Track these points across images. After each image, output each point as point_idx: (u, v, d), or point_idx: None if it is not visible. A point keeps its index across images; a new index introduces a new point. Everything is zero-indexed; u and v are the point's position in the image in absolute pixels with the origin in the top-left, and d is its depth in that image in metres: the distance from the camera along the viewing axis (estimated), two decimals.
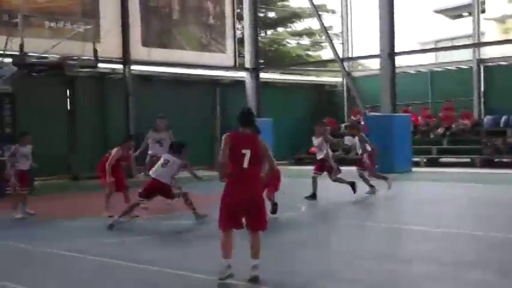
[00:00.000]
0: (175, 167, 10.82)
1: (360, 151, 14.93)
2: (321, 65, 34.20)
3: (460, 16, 37.94)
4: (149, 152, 13.94)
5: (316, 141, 14.11)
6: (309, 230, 10.84)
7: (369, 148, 14.87)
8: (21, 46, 16.98)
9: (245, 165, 6.68)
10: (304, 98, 29.46)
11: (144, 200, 10.98)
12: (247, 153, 6.69)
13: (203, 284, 6.89)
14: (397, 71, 23.05)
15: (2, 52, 18.02)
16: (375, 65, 28.58)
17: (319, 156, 14.07)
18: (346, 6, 29.90)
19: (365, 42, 30.61)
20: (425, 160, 23.71)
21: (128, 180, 12.66)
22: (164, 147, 12.97)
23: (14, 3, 20.54)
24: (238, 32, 28.53)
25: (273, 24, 40.47)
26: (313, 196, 13.78)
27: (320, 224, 11.58)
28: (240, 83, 27.01)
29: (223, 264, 6.69)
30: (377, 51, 23.38)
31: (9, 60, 17.84)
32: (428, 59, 31.98)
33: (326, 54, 37.05)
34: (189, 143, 11.56)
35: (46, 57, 17.91)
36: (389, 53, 22.27)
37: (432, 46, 36.63)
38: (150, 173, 11.04)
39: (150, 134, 14.08)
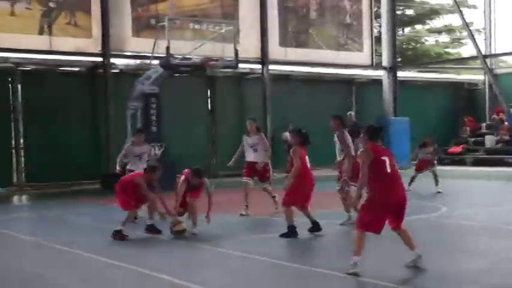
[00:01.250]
0: None
1: None
2: (461, 62, 33.15)
3: None
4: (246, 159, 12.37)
5: None
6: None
7: None
8: (168, 48, 17.81)
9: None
10: (442, 97, 28.74)
11: None
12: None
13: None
14: None
15: (150, 55, 19.08)
16: None
17: None
18: (489, 0, 28.78)
19: (507, 38, 29.30)
20: None
21: None
22: (259, 152, 12.01)
23: (160, 8, 21.68)
24: (375, 31, 28.29)
25: (411, 21, 39.72)
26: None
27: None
28: (377, 82, 26.78)
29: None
30: None
31: (156, 62, 18.81)
32: None
33: (466, 51, 35.94)
34: (324, 143, 11.61)
35: (189, 59, 18.63)
36: None
37: None
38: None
39: (244, 139, 12.40)
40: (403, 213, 7.35)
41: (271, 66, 23.85)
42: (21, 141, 19.66)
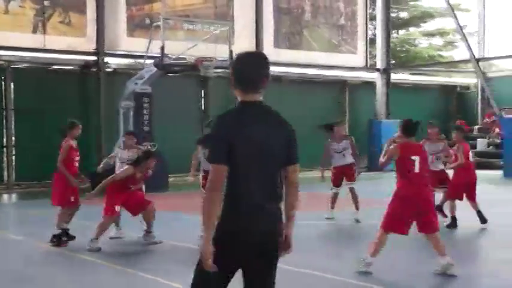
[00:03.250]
0: None
1: None
2: (453, 65, 33.25)
3: None
4: None
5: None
6: None
7: None
8: (162, 48, 17.83)
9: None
10: (434, 100, 28.84)
11: None
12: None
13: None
14: None
15: (143, 54, 19.08)
16: (510, 65, 27.50)
17: None
18: (483, 4, 28.89)
19: (500, 41, 29.40)
20: None
21: None
22: (346, 157, 11.86)
23: (154, 8, 21.69)
24: (369, 33, 28.37)
25: (405, 24, 39.85)
26: None
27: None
28: (370, 84, 26.85)
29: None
30: None
31: (150, 61, 18.82)
32: None
33: (458, 54, 36.05)
34: (316, 144, 11.67)
35: (183, 59, 18.64)
36: None
37: None
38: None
39: (328, 145, 12.09)
40: (429, 216, 7.17)
41: None
42: (13, 139, 19.60)
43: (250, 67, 3.90)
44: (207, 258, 3.54)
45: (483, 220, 10.69)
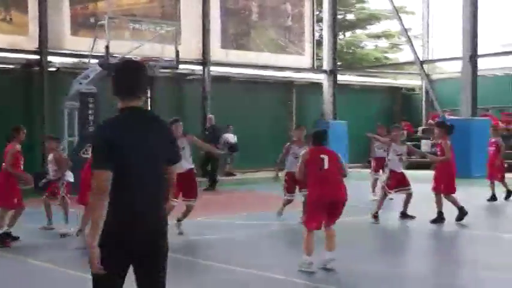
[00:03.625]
0: None
1: None
2: (398, 67, 33.80)
3: None
4: None
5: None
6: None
7: None
8: (107, 48, 17.59)
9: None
10: (380, 101, 29.26)
11: None
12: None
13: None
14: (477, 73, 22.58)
15: (88, 53, 18.77)
16: (452, 67, 28.09)
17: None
18: (428, 7, 29.45)
19: (444, 44, 30.06)
20: (506, 166, 23.05)
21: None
22: (401, 162, 11.91)
23: (99, 7, 21.36)
24: (316, 34, 28.57)
25: (351, 26, 40.30)
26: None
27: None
28: (317, 85, 27.04)
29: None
30: (457, 54, 22.97)
31: (95, 61, 18.54)
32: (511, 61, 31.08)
33: (404, 56, 36.65)
34: (263, 144, 11.71)
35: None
36: (471, 55, 21.85)
37: None
38: None
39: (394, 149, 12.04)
40: (335, 212, 7.46)
41: (212, 68, 23.80)
42: None
43: (128, 75, 4.01)
44: (93, 261, 3.73)
45: (463, 215, 11.08)
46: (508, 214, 13.74)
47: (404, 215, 11.52)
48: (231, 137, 22.68)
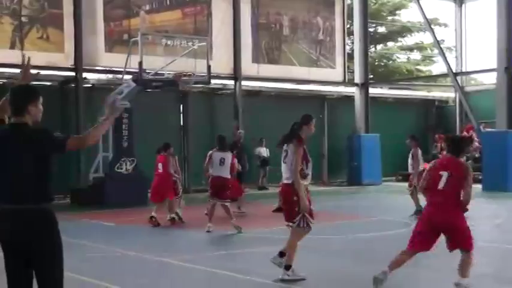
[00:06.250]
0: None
1: None
2: (431, 79, 33.54)
3: None
4: None
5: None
6: None
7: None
8: (140, 63, 17.81)
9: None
10: (413, 114, 29.06)
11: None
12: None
13: None
14: None
15: (122, 69, 19.04)
16: (487, 79, 27.80)
17: None
18: (460, 19, 29.25)
19: (478, 56, 29.74)
20: None
21: None
22: None
23: (132, 24, 21.67)
24: (347, 48, 28.54)
25: (383, 39, 40.17)
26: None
27: None
28: (349, 99, 26.97)
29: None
30: (491, 66, 22.77)
31: (128, 77, 18.78)
32: None
33: (437, 68, 36.41)
34: None
35: (162, 74, 18.64)
36: (506, 67, 21.63)
37: None
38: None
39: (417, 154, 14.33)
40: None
41: (243, 82, 23.91)
42: None
43: (15, 96, 4.96)
44: None
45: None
46: None
47: None
48: (263, 151, 22.75)
